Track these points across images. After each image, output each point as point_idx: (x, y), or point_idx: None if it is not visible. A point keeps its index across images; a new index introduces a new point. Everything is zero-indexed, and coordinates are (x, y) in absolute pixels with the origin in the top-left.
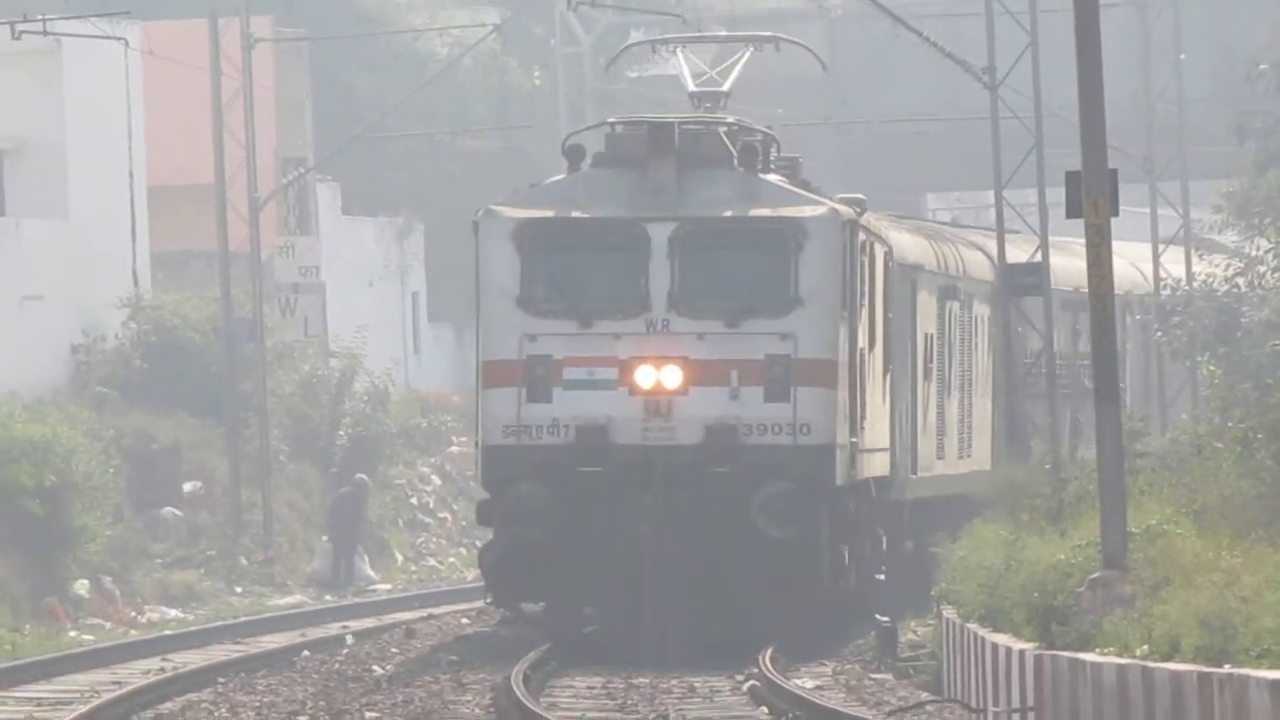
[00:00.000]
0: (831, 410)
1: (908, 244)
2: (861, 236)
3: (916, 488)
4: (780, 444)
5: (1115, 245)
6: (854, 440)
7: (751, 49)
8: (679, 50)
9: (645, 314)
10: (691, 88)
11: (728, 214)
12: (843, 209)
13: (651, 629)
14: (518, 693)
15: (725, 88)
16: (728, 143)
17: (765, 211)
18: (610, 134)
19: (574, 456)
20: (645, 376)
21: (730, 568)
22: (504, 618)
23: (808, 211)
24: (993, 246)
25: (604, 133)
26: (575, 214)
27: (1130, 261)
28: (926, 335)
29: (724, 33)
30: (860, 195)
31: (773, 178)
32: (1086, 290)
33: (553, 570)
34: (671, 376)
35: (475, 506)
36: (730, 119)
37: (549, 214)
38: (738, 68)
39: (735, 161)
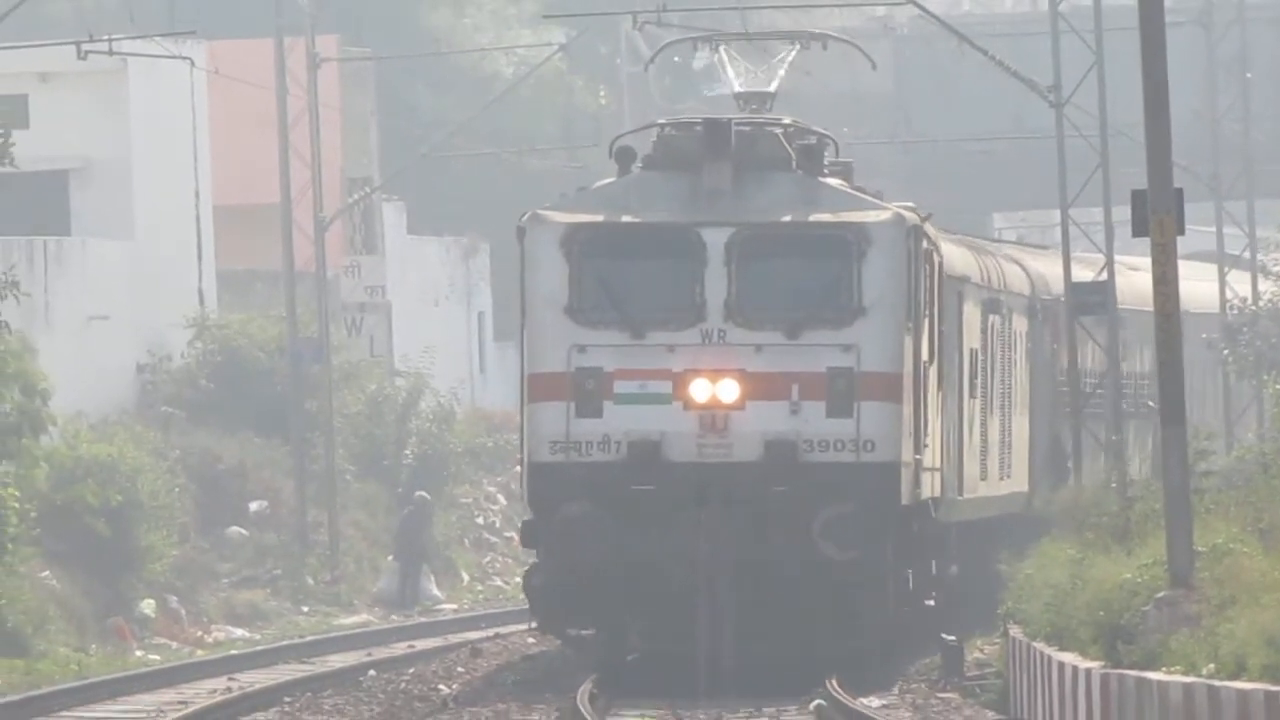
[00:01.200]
0: (897, 426)
1: (954, 255)
2: (924, 244)
3: (962, 509)
4: (843, 461)
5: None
6: (918, 458)
7: (798, 47)
8: (722, 49)
9: (700, 324)
10: (736, 88)
11: (787, 219)
12: (907, 214)
13: (708, 655)
14: (584, 712)
15: (772, 88)
16: (785, 144)
17: (827, 216)
18: (662, 135)
19: (625, 474)
20: (701, 390)
21: (790, 592)
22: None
23: (871, 216)
24: (1029, 260)
25: (655, 134)
26: (626, 219)
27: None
28: (972, 350)
29: (776, 39)
30: (911, 204)
31: (833, 181)
32: (1130, 307)
33: (603, 595)
34: (728, 390)
35: (520, 527)
36: (786, 120)
37: (599, 219)
38: (784, 68)
39: (794, 164)
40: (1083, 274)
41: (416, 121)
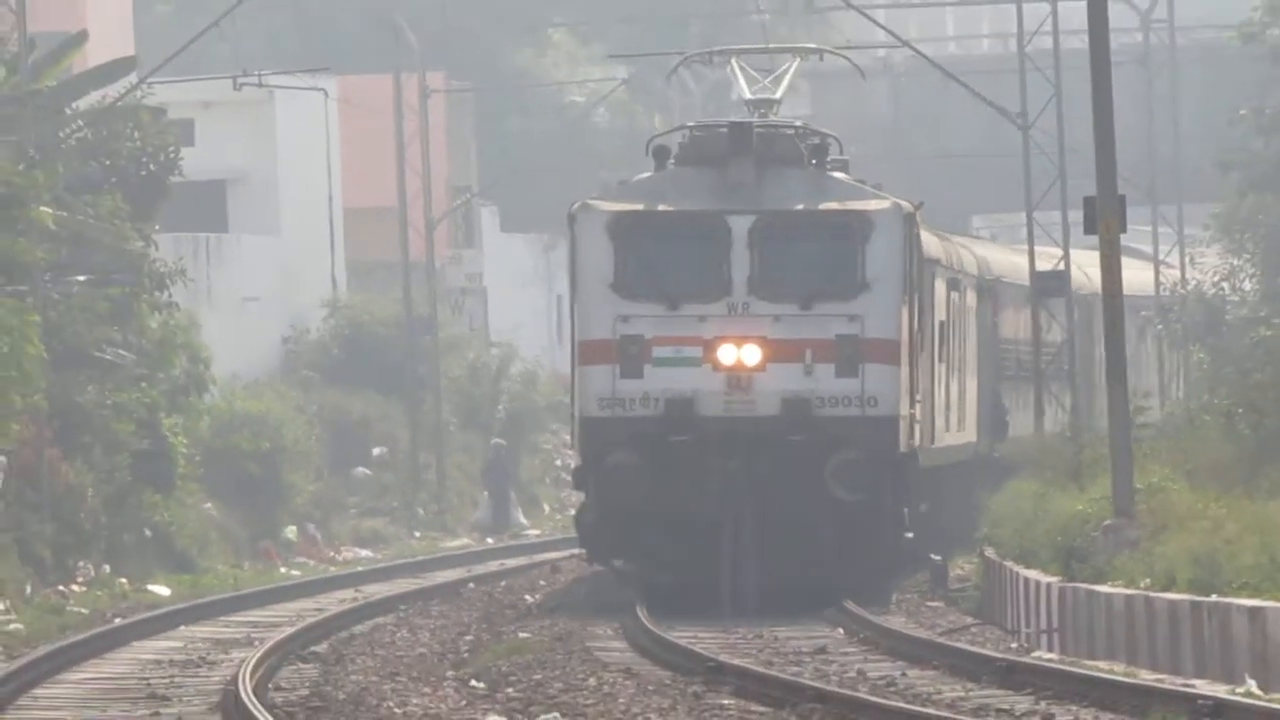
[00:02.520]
0: (896, 385)
1: (928, 240)
2: (916, 229)
3: (933, 456)
4: (850, 415)
5: (1081, 254)
6: (912, 412)
7: (799, 59)
8: (734, 60)
9: (727, 297)
10: (747, 95)
11: (801, 207)
12: (904, 204)
13: (734, 582)
14: (641, 617)
15: (777, 95)
16: (799, 143)
17: (835, 205)
18: (693, 135)
19: (663, 427)
20: (727, 354)
21: (805, 527)
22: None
23: (874, 205)
24: (975, 247)
25: (685, 134)
26: (663, 207)
27: (1078, 266)
28: (940, 322)
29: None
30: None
31: (840, 175)
32: (1034, 285)
33: (643, 531)
34: (751, 354)
35: (571, 473)
36: (797, 122)
37: (639, 207)
38: (787, 77)
39: (808, 160)
40: (1019, 261)
41: (507, 141)
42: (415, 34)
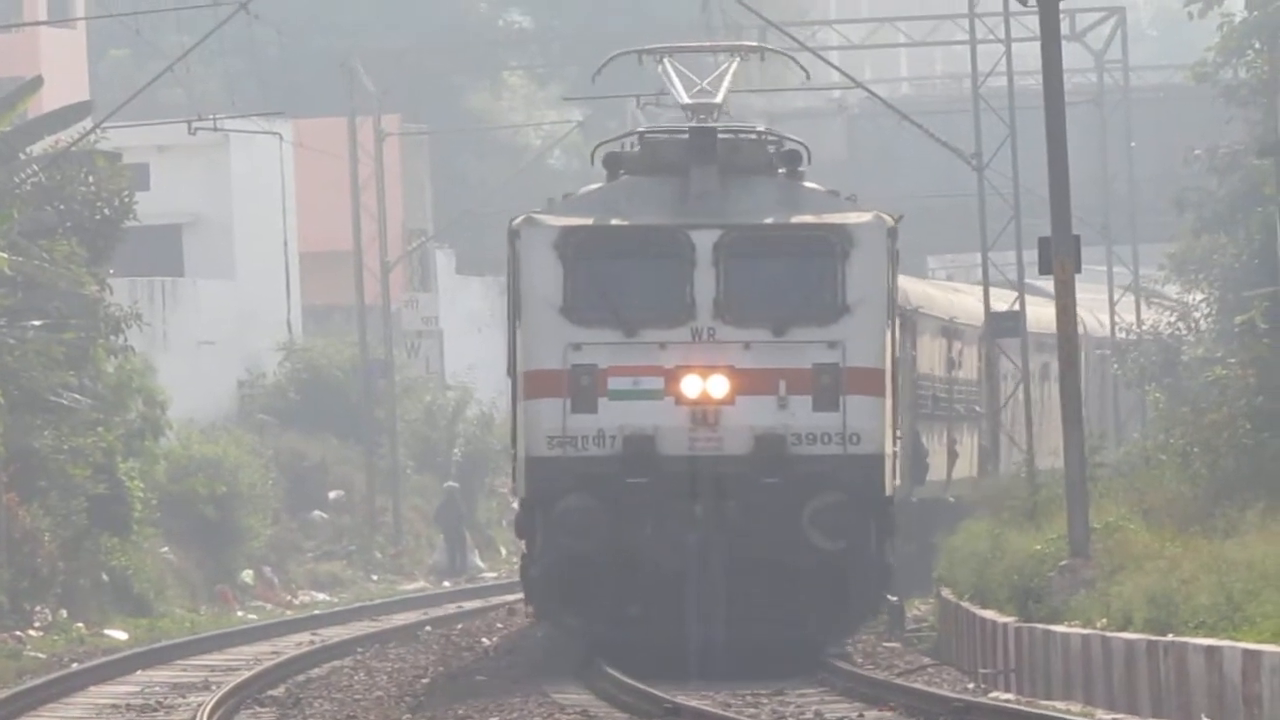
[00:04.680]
0: (880, 419)
1: None
2: (896, 246)
3: None
4: (830, 454)
5: (1041, 297)
6: (895, 450)
7: (739, 59)
8: (666, 61)
9: (691, 322)
10: (684, 99)
11: (772, 221)
12: (886, 216)
13: (700, 639)
14: (600, 661)
15: (719, 99)
16: (767, 150)
17: (810, 218)
18: (648, 142)
19: (620, 468)
20: (692, 386)
21: (780, 578)
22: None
23: (853, 218)
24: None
25: (638, 141)
26: (618, 222)
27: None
28: None
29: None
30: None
31: (814, 185)
32: (962, 321)
33: (599, 584)
34: (718, 386)
35: (514, 519)
36: (760, 128)
37: (591, 222)
38: (728, 78)
39: (778, 168)
40: (934, 293)
41: (463, 183)
42: (370, 77)
